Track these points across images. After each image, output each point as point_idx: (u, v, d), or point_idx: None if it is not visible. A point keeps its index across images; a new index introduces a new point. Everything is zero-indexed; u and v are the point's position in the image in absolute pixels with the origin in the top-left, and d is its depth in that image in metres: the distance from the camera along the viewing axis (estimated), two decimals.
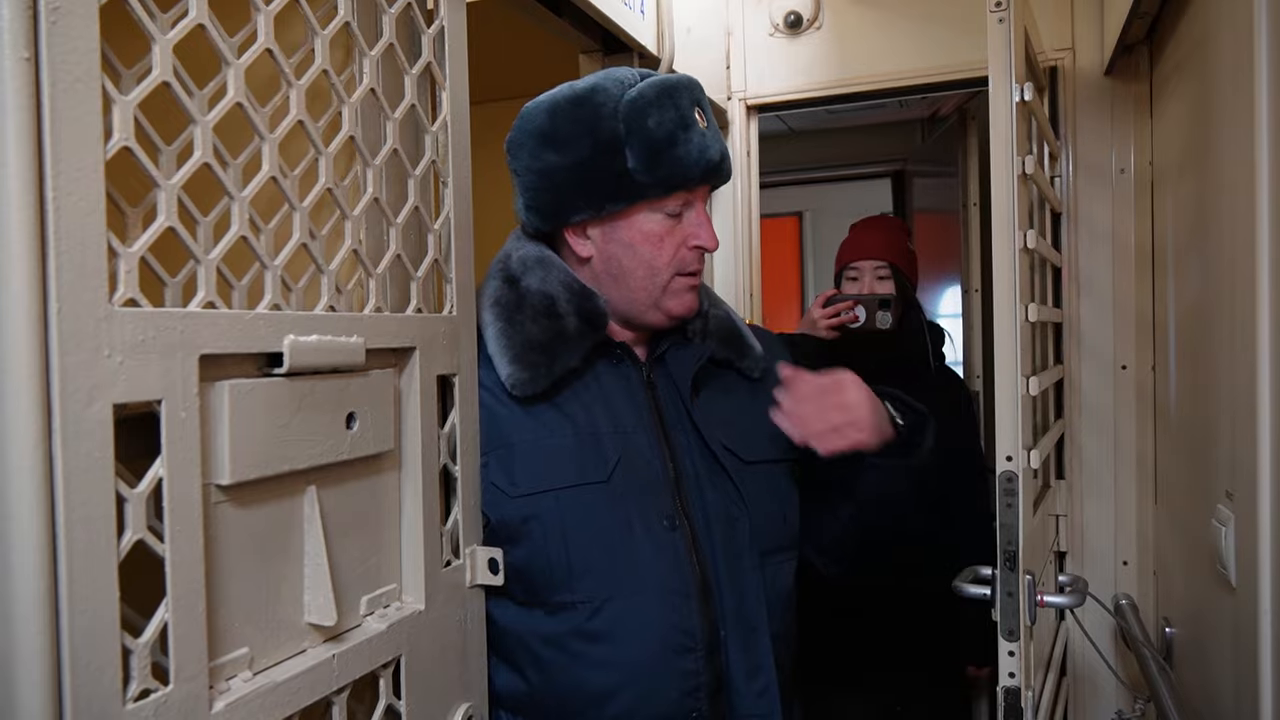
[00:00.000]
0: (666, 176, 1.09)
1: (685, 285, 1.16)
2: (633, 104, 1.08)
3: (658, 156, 1.08)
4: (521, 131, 1.14)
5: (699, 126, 1.10)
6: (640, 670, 1.08)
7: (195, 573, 0.68)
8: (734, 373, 1.25)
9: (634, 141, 1.07)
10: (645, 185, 1.09)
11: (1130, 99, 2.01)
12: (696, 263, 1.16)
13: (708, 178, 1.13)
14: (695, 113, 1.11)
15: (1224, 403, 1.25)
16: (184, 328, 0.68)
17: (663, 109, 1.08)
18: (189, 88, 0.72)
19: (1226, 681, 1.23)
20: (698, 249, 1.15)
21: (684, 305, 1.17)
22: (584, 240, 1.16)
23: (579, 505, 1.08)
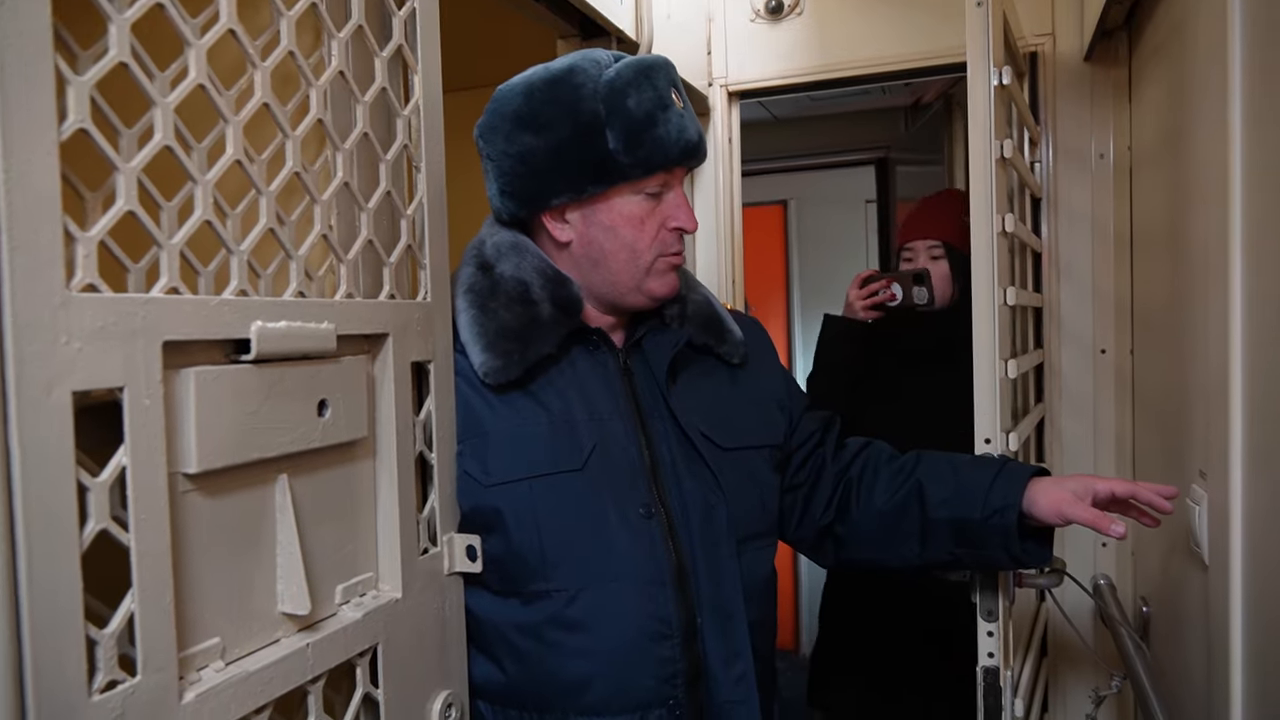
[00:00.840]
0: (647, 157, 1.08)
1: (667, 266, 1.15)
2: (612, 84, 1.07)
3: (639, 137, 1.07)
4: (496, 115, 1.12)
5: (676, 107, 1.10)
6: (617, 658, 1.07)
7: (162, 563, 0.67)
8: (714, 358, 1.24)
9: (615, 121, 1.06)
10: (626, 166, 1.08)
11: (1109, 84, 2.02)
12: (677, 244, 1.15)
13: (686, 157, 1.12)
14: (672, 93, 1.10)
15: (1198, 385, 1.25)
16: (146, 314, 0.67)
17: (641, 89, 1.07)
18: (149, 69, 0.71)
19: (1199, 657, 1.24)
20: (678, 230, 1.14)
21: (667, 286, 1.16)
22: (562, 225, 1.14)
23: (553, 493, 1.08)
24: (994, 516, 1.20)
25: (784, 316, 4.45)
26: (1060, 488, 1.19)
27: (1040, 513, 1.19)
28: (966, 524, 1.22)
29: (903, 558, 1.28)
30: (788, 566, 4.23)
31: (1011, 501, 1.19)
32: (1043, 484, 1.20)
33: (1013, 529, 1.19)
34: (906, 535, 1.27)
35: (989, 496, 1.20)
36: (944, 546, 1.25)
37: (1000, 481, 1.21)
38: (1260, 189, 0.97)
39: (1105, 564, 2.05)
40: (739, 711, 1.11)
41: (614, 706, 1.07)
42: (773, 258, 4.48)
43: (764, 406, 1.27)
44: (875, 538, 1.29)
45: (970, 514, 1.21)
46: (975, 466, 1.27)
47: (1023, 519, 1.20)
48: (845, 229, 4.35)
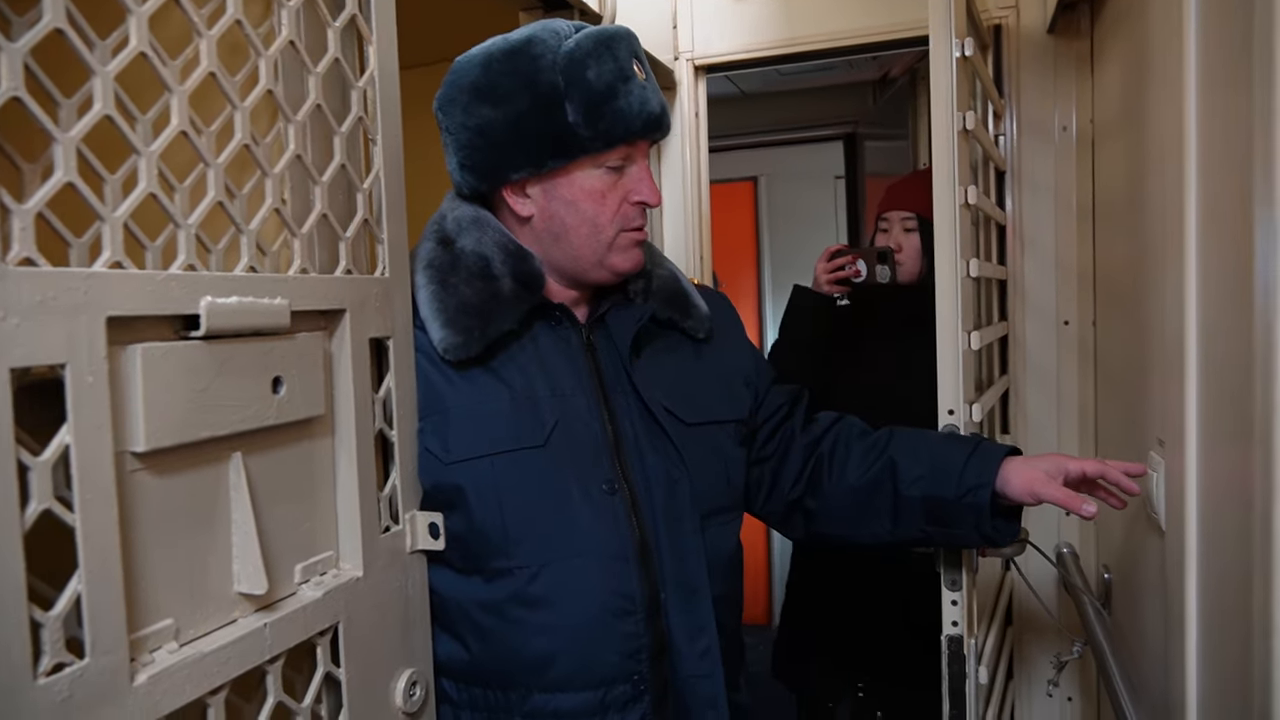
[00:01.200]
0: (608, 129, 1.07)
1: (630, 241, 1.14)
2: (571, 55, 1.05)
3: (599, 109, 1.05)
4: (454, 87, 1.10)
5: (638, 79, 1.08)
6: (580, 634, 1.07)
7: (109, 543, 0.66)
8: (678, 333, 1.23)
9: (574, 94, 1.05)
10: (587, 139, 1.06)
11: (1072, 57, 2.02)
12: (640, 218, 1.14)
13: (649, 130, 1.10)
14: (634, 64, 1.09)
15: (1156, 355, 1.27)
16: (88, 288, 0.65)
17: (601, 60, 1.06)
18: (88, 36, 0.69)
19: (1157, 622, 1.26)
20: (640, 204, 1.13)
21: (630, 261, 1.15)
22: (523, 199, 1.13)
23: (515, 470, 1.07)
24: (967, 495, 1.21)
25: (755, 293, 4.45)
26: (1032, 467, 1.21)
27: (1013, 492, 1.20)
28: (940, 502, 1.23)
29: (874, 534, 1.29)
30: (761, 541, 4.26)
31: (985, 481, 1.21)
32: (1015, 463, 1.22)
33: (985, 508, 1.21)
34: (878, 512, 1.28)
35: (963, 475, 1.22)
36: (915, 524, 1.26)
37: (974, 461, 1.23)
38: (1215, 162, 0.98)
39: (1068, 533, 2.08)
40: (703, 685, 1.12)
41: (578, 682, 1.07)
42: (743, 234, 4.48)
43: (729, 382, 1.26)
44: (847, 513, 1.30)
45: (944, 492, 1.22)
46: (949, 444, 1.28)
47: (994, 498, 1.21)
48: (815, 205, 4.35)
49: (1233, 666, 0.92)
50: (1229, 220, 0.91)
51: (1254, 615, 0.82)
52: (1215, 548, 1.00)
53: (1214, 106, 0.98)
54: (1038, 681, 2.12)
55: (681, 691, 1.12)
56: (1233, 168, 0.89)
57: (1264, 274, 0.79)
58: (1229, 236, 0.91)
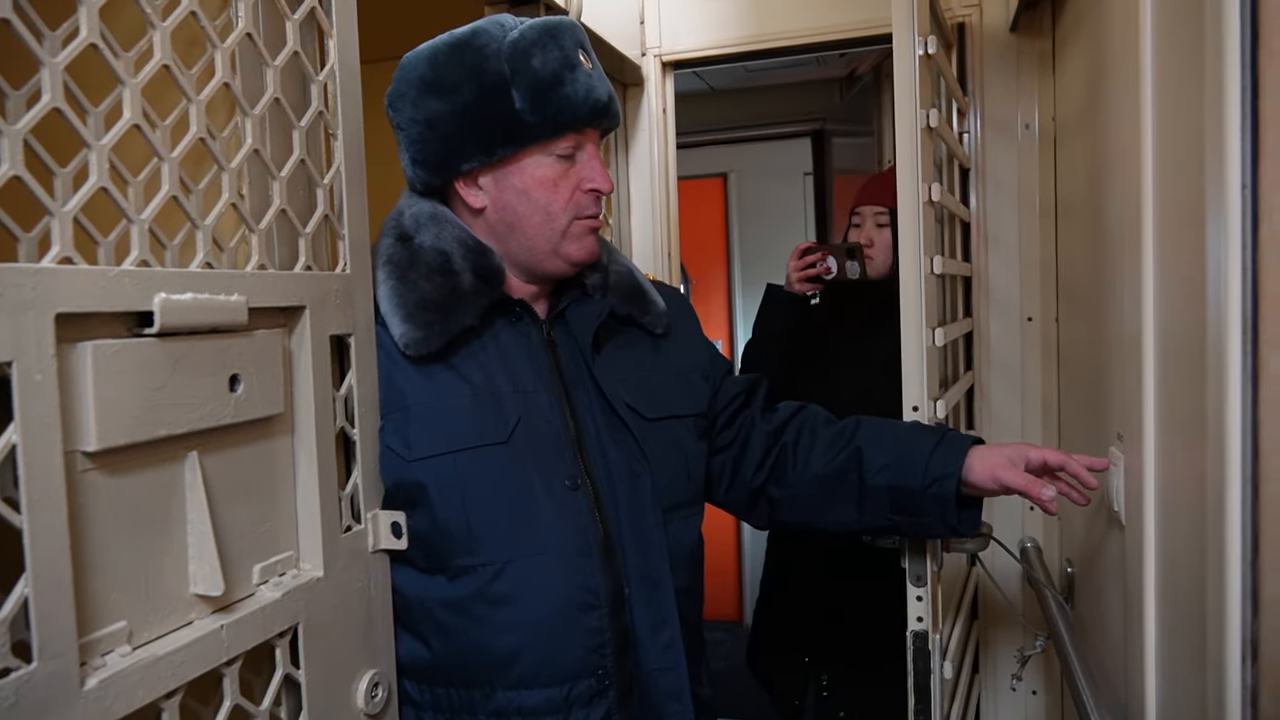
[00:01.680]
0: (555, 115, 1.07)
1: (584, 229, 1.14)
2: (516, 44, 1.06)
3: (545, 95, 1.06)
4: (402, 82, 1.10)
5: (584, 67, 1.08)
6: (544, 630, 1.07)
7: (58, 544, 0.65)
8: (637, 329, 1.24)
9: (520, 81, 1.05)
10: (533, 125, 1.06)
11: (1034, 55, 2.05)
12: (593, 206, 1.14)
13: (596, 118, 1.10)
14: (579, 54, 1.09)
15: (1115, 350, 1.29)
16: (36, 284, 0.63)
17: (546, 49, 1.06)
18: (36, 28, 0.67)
19: (1117, 614, 1.28)
20: (593, 192, 1.13)
21: (584, 250, 1.15)
22: (476, 191, 1.13)
23: (478, 467, 1.06)
24: (933, 485, 1.22)
25: (725, 289, 4.47)
26: (995, 454, 1.22)
27: (976, 479, 1.22)
28: (905, 491, 1.24)
29: (839, 522, 1.31)
30: (731, 537, 4.28)
31: (951, 470, 1.22)
32: (979, 451, 1.24)
33: (950, 498, 1.22)
34: (844, 500, 1.29)
35: (929, 465, 1.23)
36: (881, 512, 1.27)
37: (940, 450, 1.24)
38: (1171, 159, 0.99)
39: (1032, 528, 2.11)
40: (666, 678, 1.12)
41: (543, 678, 1.07)
42: (713, 230, 4.49)
43: (687, 376, 1.27)
44: (812, 501, 1.31)
45: (909, 482, 1.24)
46: (915, 434, 1.29)
47: (959, 488, 1.23)
48: (784, 201, 4.37)
49: (1189, 658, 0.94)
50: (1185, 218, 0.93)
51: (1208, 607, 0.83)
52: (1173, 541, 1.01)
53: (1170, 105, 1.00)
54: (1003, 676, 2.15)
55: (645, 685, 1.12)
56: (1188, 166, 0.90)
57: (1215, 271, 0.80)
58: (1185, 234, 0.92)
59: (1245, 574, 0.76)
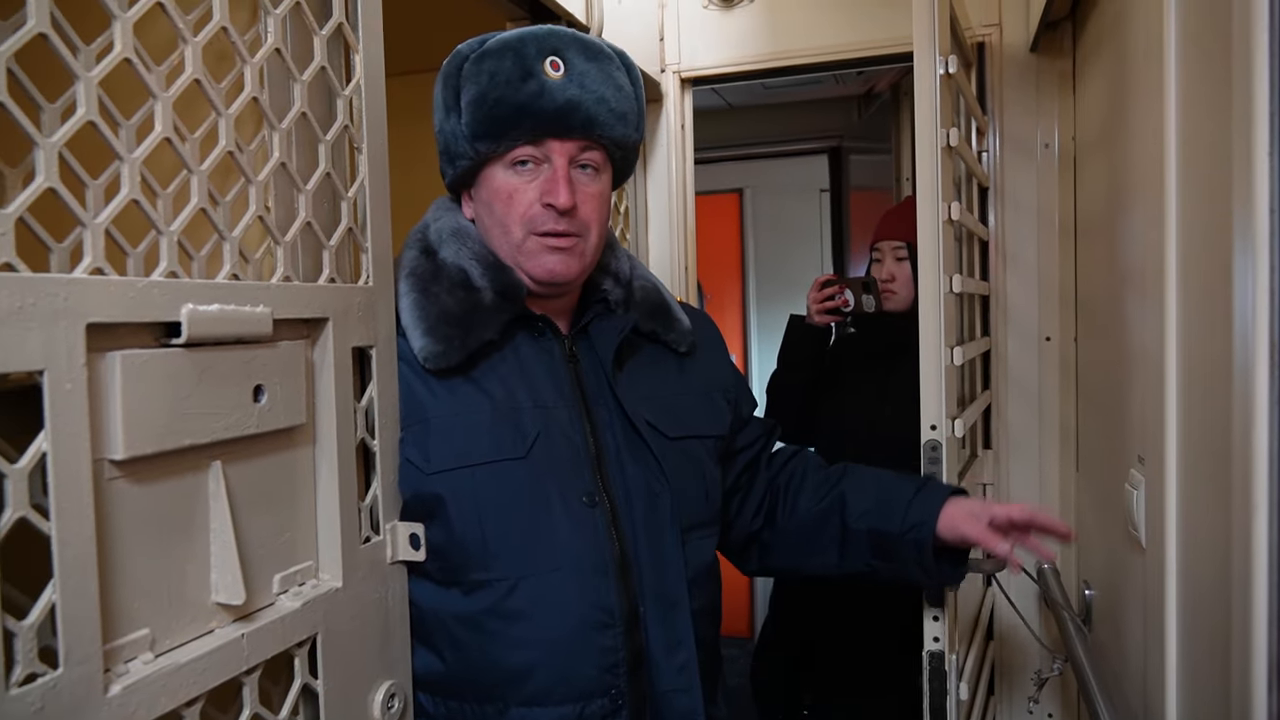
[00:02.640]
0: (487, 129, 1.06)
1: (540, 246, 1.09)
2: (477, 59, 1.06)
3: (481, 107, 1.06)
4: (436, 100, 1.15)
5: (545, 76, 1.05)
6: (558, 648, 1.06)
7: (85, 552, 0.65)
8: (661, 346, 1.23)
9: (466, 94, 1.06)
10: (470, 139, 1.07)
11: (1054, 75, 2.05)
12: (551, 221, 1.08)
13: (540, 128, 1.06)
14: (544, 63, 1.05)
15: (1137, 371, 1.28)
16: (68, 294, 0.64)
17: (499, 59, 1.05)
18: (72, 42, 0.68)
19: (1137, 639, 1.27)
20: (549, 207, 1.08)
21: (541, 268, 1.10)
22: (469, 202, 1.17)
23: (496, 482, 1.06)
24: (910, 531, 1.24)
25: (740, 305, 4.47)
26: (962, 506, 1.24)
27: (940, 529, 1.24)
28: (884, 536, 1.26)
29: (822, 565, 1.32)
30: None
31: (928, 518, 1.24)
32: (952, 501, 1.25)
33: (927, 544, 1.24)
34: (826, 544, 1.31)
35: (908, 512, 1.25)
36: (861, 557, 1.29)
37: (920, 498, 1.26)
38: (1195, 180, 0.99)
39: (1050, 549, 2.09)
40: (681, 700, 1.11)
41: (555, 696, 1.06)
42: (729, 246, 4.49)
43: (710, 397, 1.26)
44: (796, 544, 1.33)
45: (889, 526, 1.25)
46: (898, 482, 1.31)
47: (938, 537, 1.24)
48: (800, 217, 4.37)
49: (1212, 685, 0.93)
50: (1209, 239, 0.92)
51: (1233, 633, 0.83)
52: (1195, 565, 1.00)
53: (1194, 125, 1.00)
54: (1018, 698, 2.13)
55: (659, 705, 1.11)
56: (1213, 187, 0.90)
57: (1243, 294, 0.80)
58: (1209, 254, 0.92)
59: (1272, 600, 0.76)
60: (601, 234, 1.15)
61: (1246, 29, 0.77)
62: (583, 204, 1.10)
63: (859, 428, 2.10)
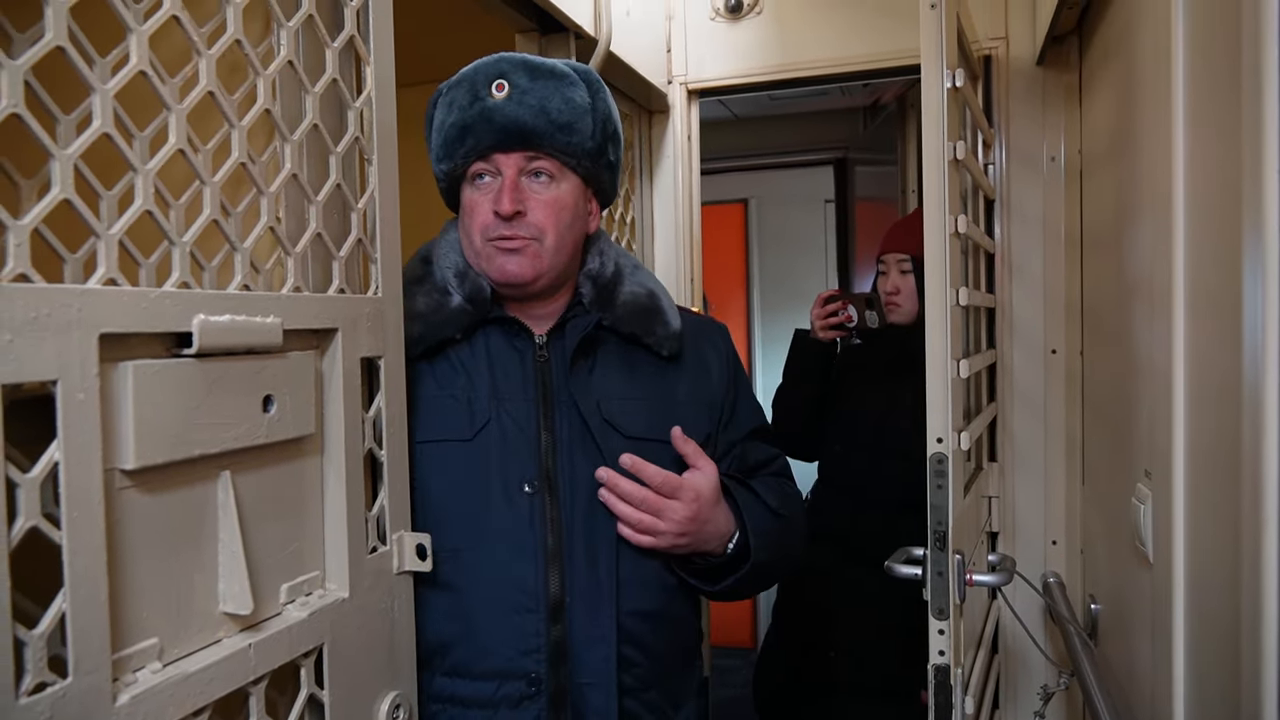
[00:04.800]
0: (444, 148, 1.16)
1: (493, 250, 1.16)
2: (445, 93, 1.18)
3: (440, 133, 1.17)
4: None
5: (489, 98, 1.13)
6: (478, 625, 1.12)
7: (96, 561, 0.65)
8: (644, 349, 1.25)
9: (433, 125, 1.19)
10: (436, 161, 1.19)
11: (1061, 88, 2.05)
12: (502, 227, 1.14)
13: (486, 142, 1.13)
14: (491, 86, 1.14)
15: (1144, 385, 1.28)
16: (82, 305, 0.65)
17: (458, 89, 1.16)
18: (88, 54, 0.69)
19: (1144, 653, 1.26)
20: (496, 214, 1.15)
21: (497, 270, 1.17)
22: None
23: (437, 459, 1.13)
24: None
25: (744, 314, 4.47)
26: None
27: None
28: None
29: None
30: None
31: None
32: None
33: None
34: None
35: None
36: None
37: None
38: (1203, 194, 0.99)
39: (1055, 562, 2.09)
40: (592, 693, 1.14)
41: (474, 671, 1.12)
42: (733, 256, 4.50)
43: (690, 406, 1.26)
44: None
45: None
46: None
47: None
48: (805, 228, 4.38)
49: (1220, 702, 0.92)
50: (1217, 252, 0.92)
51: (1242, 651, 0.82)
52: (1202, 580, 1.00)
53: (1202, 139, 1.00)
54: (1024, 711, 2.12)
55: (575, 697, 1.14)
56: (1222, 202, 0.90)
57: (1252, 306, 0.80)
58: (1217, 268, 0.92)
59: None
60: (562, 236, 1.18)
61: (1256, 44, 0.77)
62: (534, 209, 1.15)
63: (865, 440, 2.11)
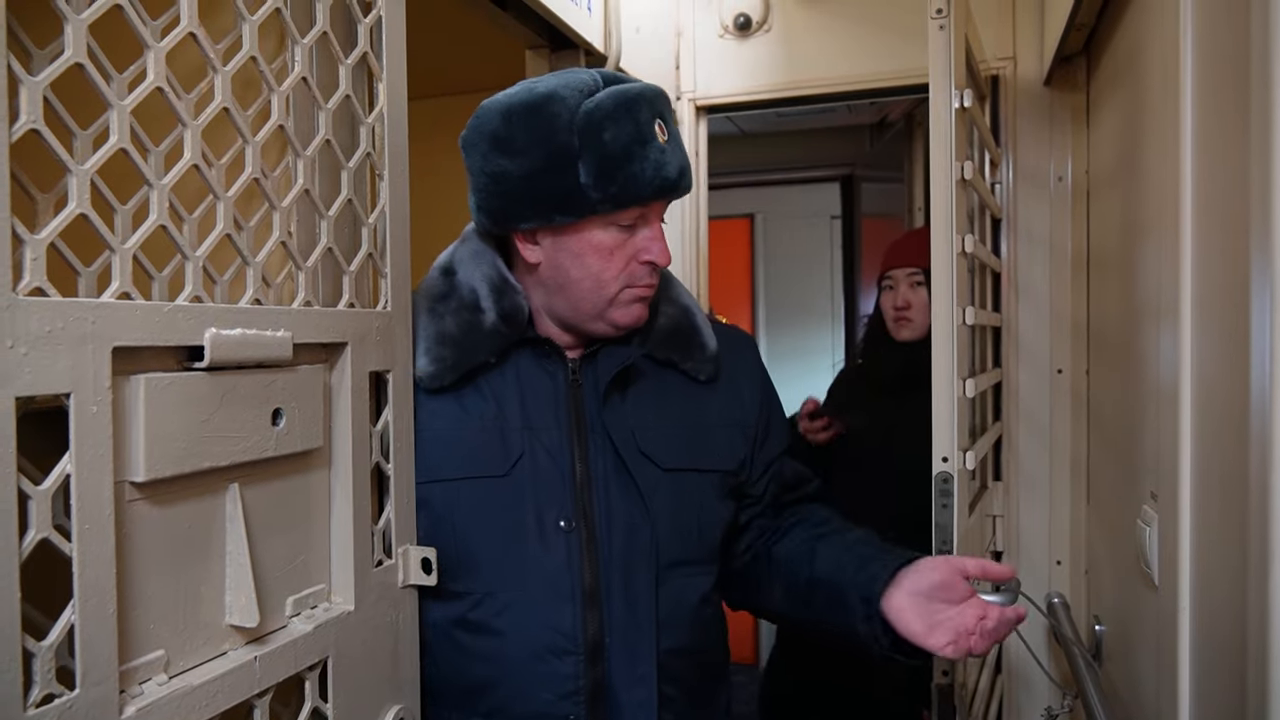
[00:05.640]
0: (618, 193, 1.05)
1: (633, 297, 1.12)
2: (589, 116, 1.04)
3: (611, 173, 1.04)
4: (475, 131, 1.11)
5: (657, 141, 1.06)
6: (516, 668, 1.08)
7: (105, 573, 0.66)
8: (680, 374, 1.20)
9: (587, 156, 1.04)
10: (596, 201, 1.05)
11: (1068, 108, 2.06)
12: (648, 277, 1.12)
13: (662, 194, 1.09)
14: (655, 126, 1.07)
15: (1150, 406, 1.28)
16: (96, 319, 0.65)
17: (619, 123, 1.04)
18: (106, 71, 0.70)
19: (1149, 677, 1.26)
20: (649, 264, 1.11)
21: (630, 317, 1.13)
22: (533, 246, 1.13)
23: (474, 497, 1.09)
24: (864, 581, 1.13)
25: (749, 329, 4.47)
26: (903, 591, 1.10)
27: (885, 607, 1.10)
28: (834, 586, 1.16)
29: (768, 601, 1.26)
30: None
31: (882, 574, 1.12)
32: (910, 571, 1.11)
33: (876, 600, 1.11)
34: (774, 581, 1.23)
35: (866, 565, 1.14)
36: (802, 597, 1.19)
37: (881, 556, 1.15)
38: (1211, 215, 1.00)
39: (1059, 583, 2.08)
40: None
41: (512, 713, 1.09)
42: (739, 271, 4.51)
43: (725, 429, 1.22)
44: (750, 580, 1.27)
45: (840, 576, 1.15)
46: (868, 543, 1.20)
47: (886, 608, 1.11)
48: (811, 244, 4.39)
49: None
50: (1225, 273, 0.93)
51: (1248, 675, 0.82)
52: (1209, 604, 1.00)
53: (1210, 160, 1.00)
54: None
55: None
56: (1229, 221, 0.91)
57: (1259, 328, 0.80)
58: (1225, 289, 0.92)
59: None
60: None
61: (1265, 66, 0.78)
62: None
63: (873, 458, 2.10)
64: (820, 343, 4.37)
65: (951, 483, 1.40)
